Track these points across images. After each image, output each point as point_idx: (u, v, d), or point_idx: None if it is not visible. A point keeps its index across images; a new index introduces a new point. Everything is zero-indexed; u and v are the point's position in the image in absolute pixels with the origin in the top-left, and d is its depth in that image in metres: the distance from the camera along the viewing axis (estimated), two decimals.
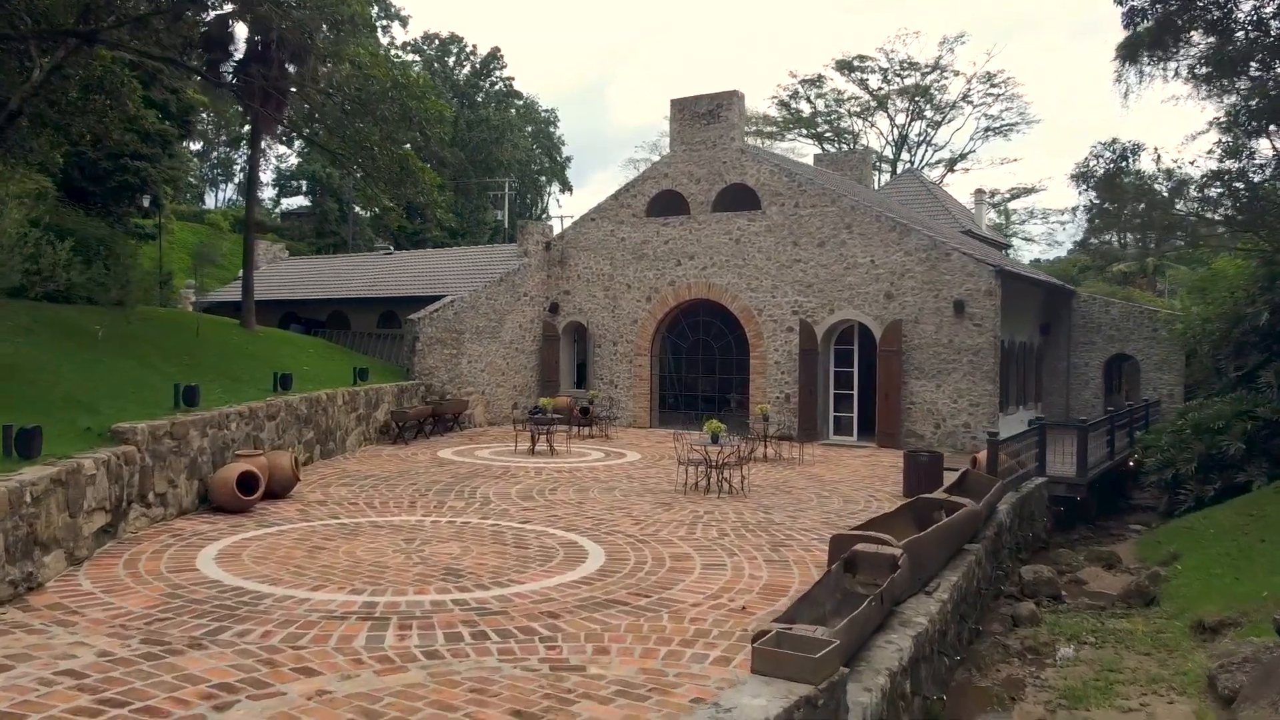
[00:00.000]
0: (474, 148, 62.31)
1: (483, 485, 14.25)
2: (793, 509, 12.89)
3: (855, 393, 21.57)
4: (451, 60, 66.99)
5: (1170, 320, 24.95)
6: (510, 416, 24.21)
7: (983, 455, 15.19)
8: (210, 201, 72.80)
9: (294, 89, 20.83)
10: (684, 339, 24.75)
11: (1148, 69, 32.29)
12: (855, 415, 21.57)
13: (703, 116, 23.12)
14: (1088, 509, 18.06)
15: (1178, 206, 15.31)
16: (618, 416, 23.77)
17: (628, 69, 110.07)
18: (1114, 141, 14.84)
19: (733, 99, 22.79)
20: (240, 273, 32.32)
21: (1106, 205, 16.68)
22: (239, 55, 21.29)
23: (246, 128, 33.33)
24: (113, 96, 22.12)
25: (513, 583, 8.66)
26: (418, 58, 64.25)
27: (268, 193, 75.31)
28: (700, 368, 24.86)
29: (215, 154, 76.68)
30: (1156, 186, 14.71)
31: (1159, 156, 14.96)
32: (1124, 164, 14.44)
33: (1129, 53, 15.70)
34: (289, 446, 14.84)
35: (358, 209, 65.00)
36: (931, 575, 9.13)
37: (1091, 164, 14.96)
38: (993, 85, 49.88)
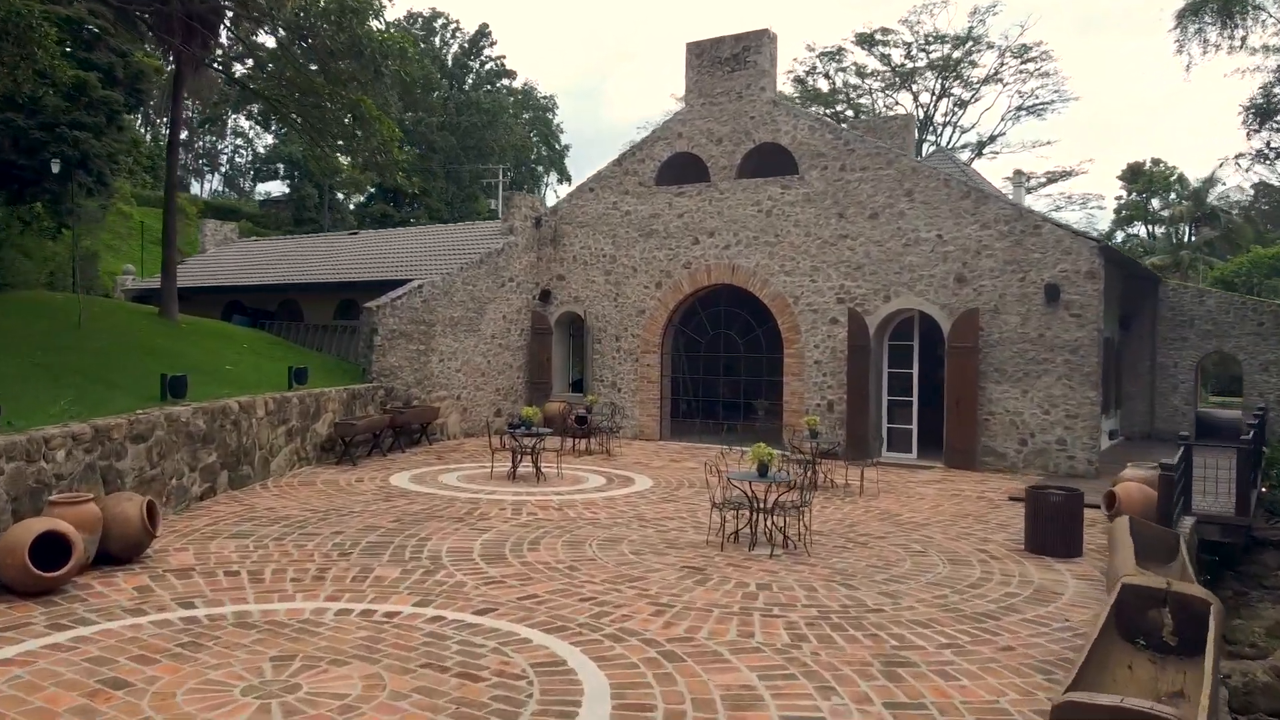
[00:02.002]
0: (464, 132, 58.18)
1: (436, 535, 10.12)
2: (882, 578, 8.79)
3: (915, 400, 17.47)
4: (437, 40, 62.70)
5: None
6: (492, 425, 20.10)
7: (1126, 490, 11.12)
8: (197, 190, 68.78)
9: (220, 19, 16.75)
10: (701, 333, 20.62)
11: (1213, 38, 28.49)
12: (915, 428, 17.47)
13: (725, 62, 18.98)
14: (1232, 555, 14.01)
15: None
16: (621, 426, 19.66)
17: (626, 65, 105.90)
18: None
19: (762, 40, 18.65)
20: (190, 255, 28.27)
21: None
22: None
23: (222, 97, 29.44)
24: (20, 44, 18.14)
25: None
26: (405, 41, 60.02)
27: (244, 180, 71.49)
28: (721, 368, 20.73)
29: (199, 143, 73.03)
30: None
31: None
32: None
33: None
34: (169, 478, 10.73)
35: (340, 195, 61.10)
36: None
37: (1276, 90, 10.91)
38: (1026, 60, 45.76)
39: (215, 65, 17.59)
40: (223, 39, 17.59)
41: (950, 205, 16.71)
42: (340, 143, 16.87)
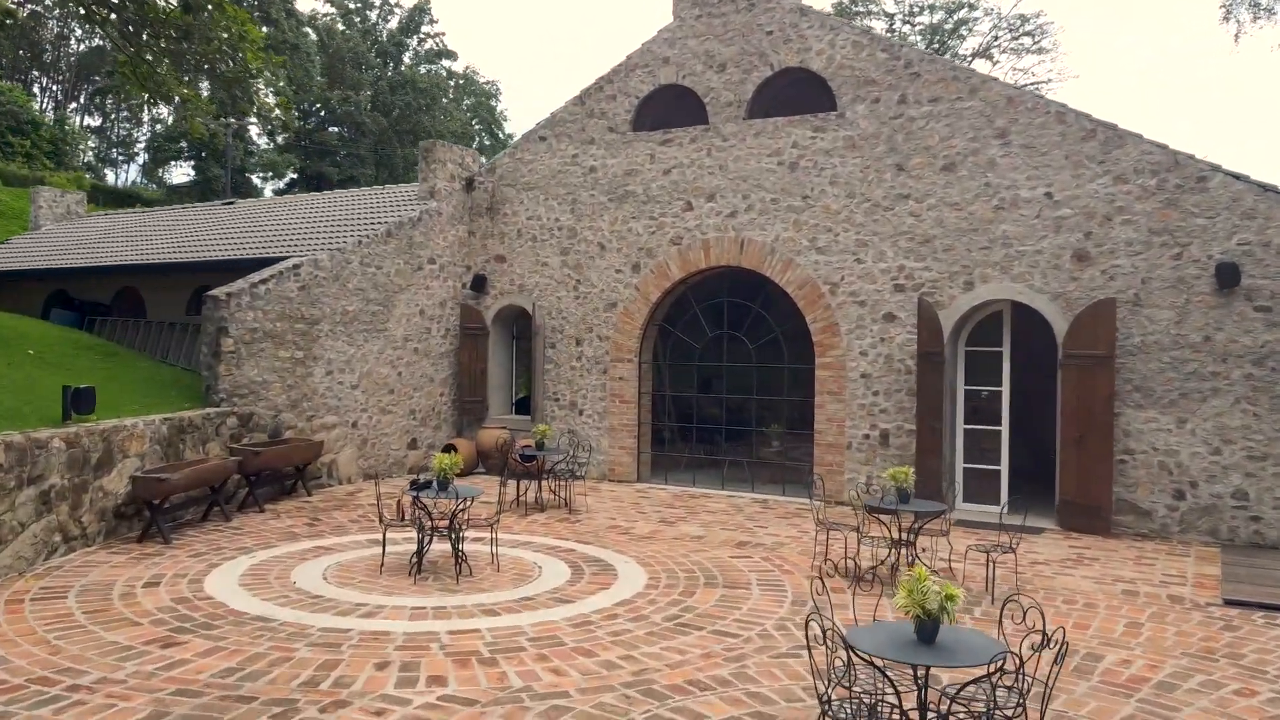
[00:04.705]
0: (398, 114, 52.44)
1: None
2: None
3: (1005, 429, 12.30)
4: (374, 15, 56.85)
5: None
6: (403, 462, 14.53)
7: None
8: (113, 179, 61.68)
9: None
10: (696, 335, 15.19)
11: (1265, 1, 24.98)
12: (1005, 469, 12.29)
13: None
14: None
15: None
16: (584, 463, 14.19)
17: (572, 60, 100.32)
18: None
19: None
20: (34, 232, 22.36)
21: None
22: None
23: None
24: None
25: None
26: (335, 10, 54.13)
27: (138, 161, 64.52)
28: (723, 383, 15.33)
29: (114, 131, 66.07)
30: None
31: None
32: None
33: None
34: None
35: (254, 178, 54.78)
36: None
37: None
38: (1021, 34, 41.29)
39: None
40: None
41: (1065, 150, 11.57)
42: (168, 44, 11.14)
